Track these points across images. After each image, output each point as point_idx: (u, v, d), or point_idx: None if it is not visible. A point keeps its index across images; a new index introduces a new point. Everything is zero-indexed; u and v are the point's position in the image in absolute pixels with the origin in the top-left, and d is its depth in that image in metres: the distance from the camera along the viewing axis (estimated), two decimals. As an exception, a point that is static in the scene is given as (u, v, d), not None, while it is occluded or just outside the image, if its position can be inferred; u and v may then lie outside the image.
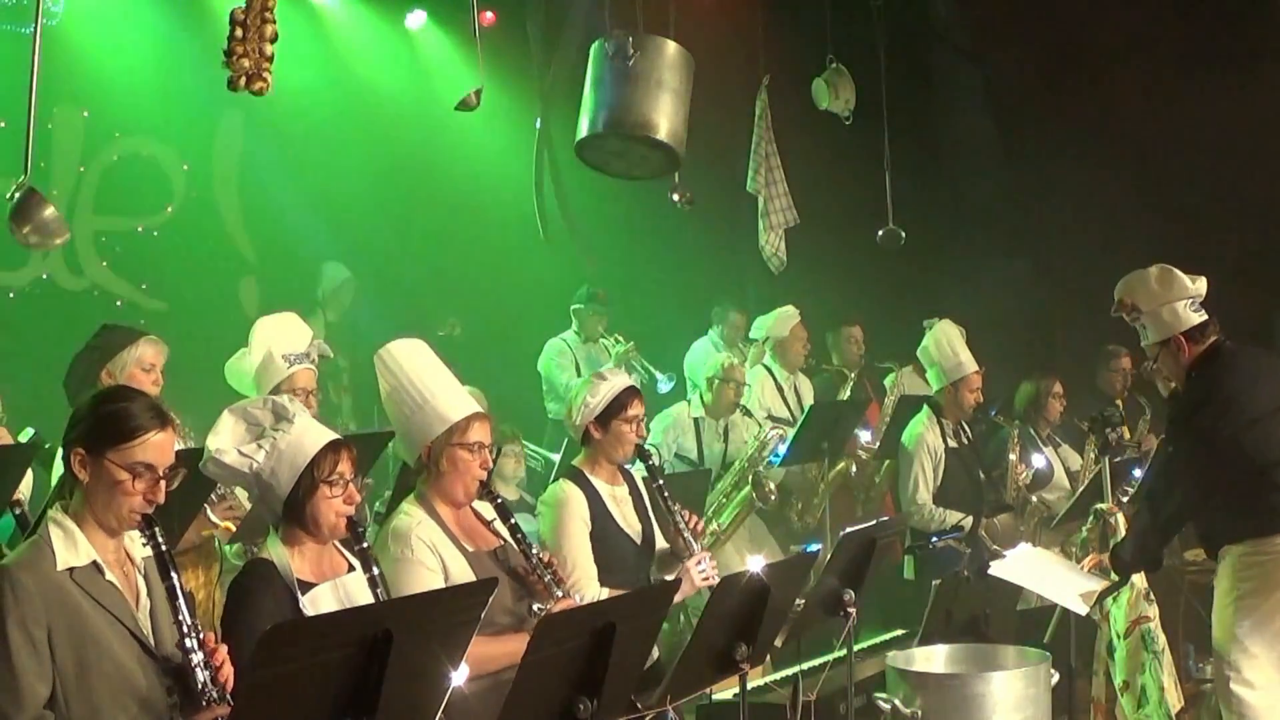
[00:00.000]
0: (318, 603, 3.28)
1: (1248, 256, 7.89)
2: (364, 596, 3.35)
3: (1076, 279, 8.96)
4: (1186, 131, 8.41)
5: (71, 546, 2.89)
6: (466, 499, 3.89)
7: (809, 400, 7.98)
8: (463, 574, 3.72)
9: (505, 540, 3.92)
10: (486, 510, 3.99)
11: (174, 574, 2.94)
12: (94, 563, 2.91)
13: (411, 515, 3.80)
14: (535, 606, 3.77)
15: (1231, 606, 4.63)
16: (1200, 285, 4.80)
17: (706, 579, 4.31)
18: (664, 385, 8.02)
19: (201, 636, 2.89)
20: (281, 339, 5.05)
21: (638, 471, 4.72)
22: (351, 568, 3.46)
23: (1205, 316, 4.79)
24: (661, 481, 4.52)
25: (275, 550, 3.34)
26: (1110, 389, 7.78)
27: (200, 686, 2.83)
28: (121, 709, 2.85)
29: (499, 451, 4.73)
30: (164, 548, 2.95)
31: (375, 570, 3.38)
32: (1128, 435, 7.54)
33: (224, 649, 2.91)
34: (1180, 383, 4.87)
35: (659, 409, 7.58)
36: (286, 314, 5.27)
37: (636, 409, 4.53)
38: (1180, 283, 4.76)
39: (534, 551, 3.83)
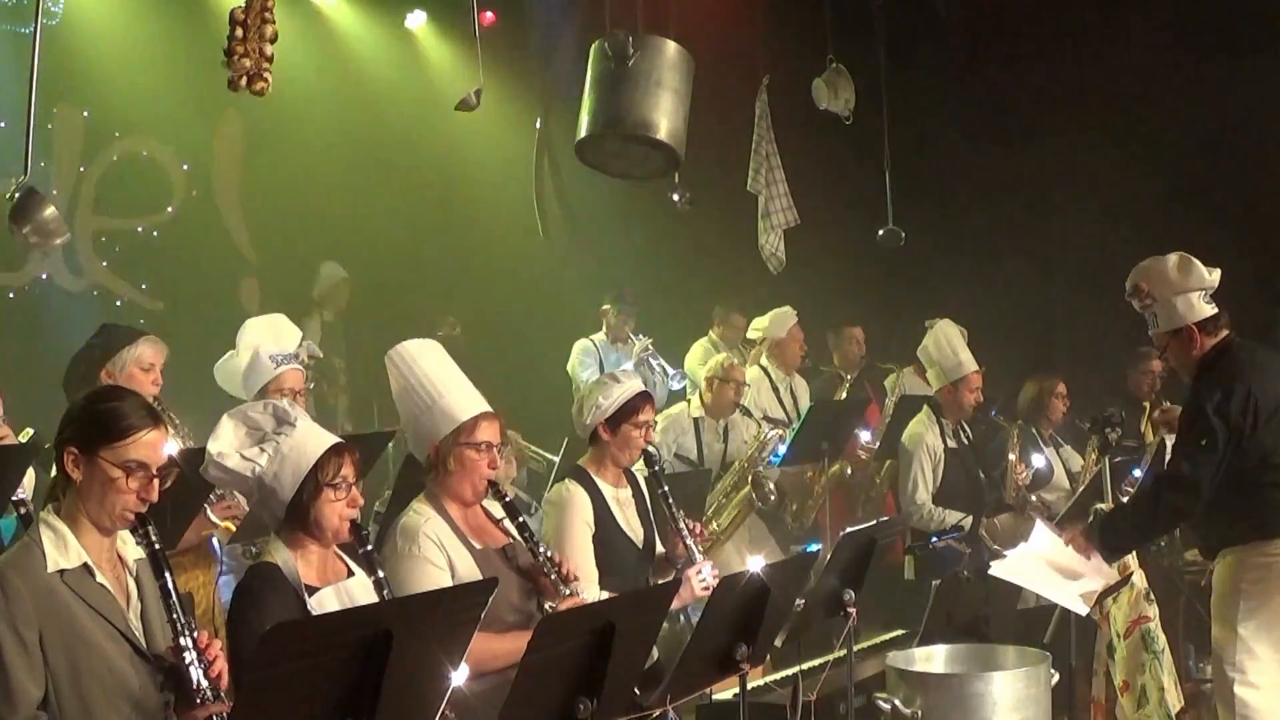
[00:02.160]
0: (324, 606, 3.28)
1: (1252, 256, 7.87)
2: (367, 600, 3.36)
3: (1077, 279, 8.96)
4: (1191, 131, 8.40)
5: (62, 548, 2.89)
6: (475, 498, 3.91)
7: (805, 401, 7.98)
8: (469, 572, 3.74)
9: (514, 538, 3.93)
10: (496, 509, 4.00)
11: (167, 573, 2.94)
12: (85, 564, 2.91)
13: (420, 513, 3.82)
14: (548, 605, 3.78)
15: (1236, 609, 4.59)
16: (1215, 277, 4.73)
17: (707, 588, 4.31)
18: (675, 384, 7.99)
19: (195, 635, 2.89)
20: (269, 340, 5.05)
21: (640, 472, 4.73)
22: (351, 573, 3.47)
23: (1216, 309, 4.73)
24: (666, 488, 4.52)
25: (279, 553, 3.34)
26: (1139, 390, 7.74)
27: (194, 685, 2.84)
28: (114, 710, 2.86)
29: None
30: (157, 547, 2.96)
31: (380, 574, 3.38)
32: (1150, 437, 7.50)
33: (217, 646, 2.92)
34: (1189, 375, 4.80)
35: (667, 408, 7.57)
36: (275, 315, 5.27)
37: (647, 414, 4.54)
38: (1198, 272, 4.70)
39: (541, 550, 3.84)
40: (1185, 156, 8.42)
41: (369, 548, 3.42)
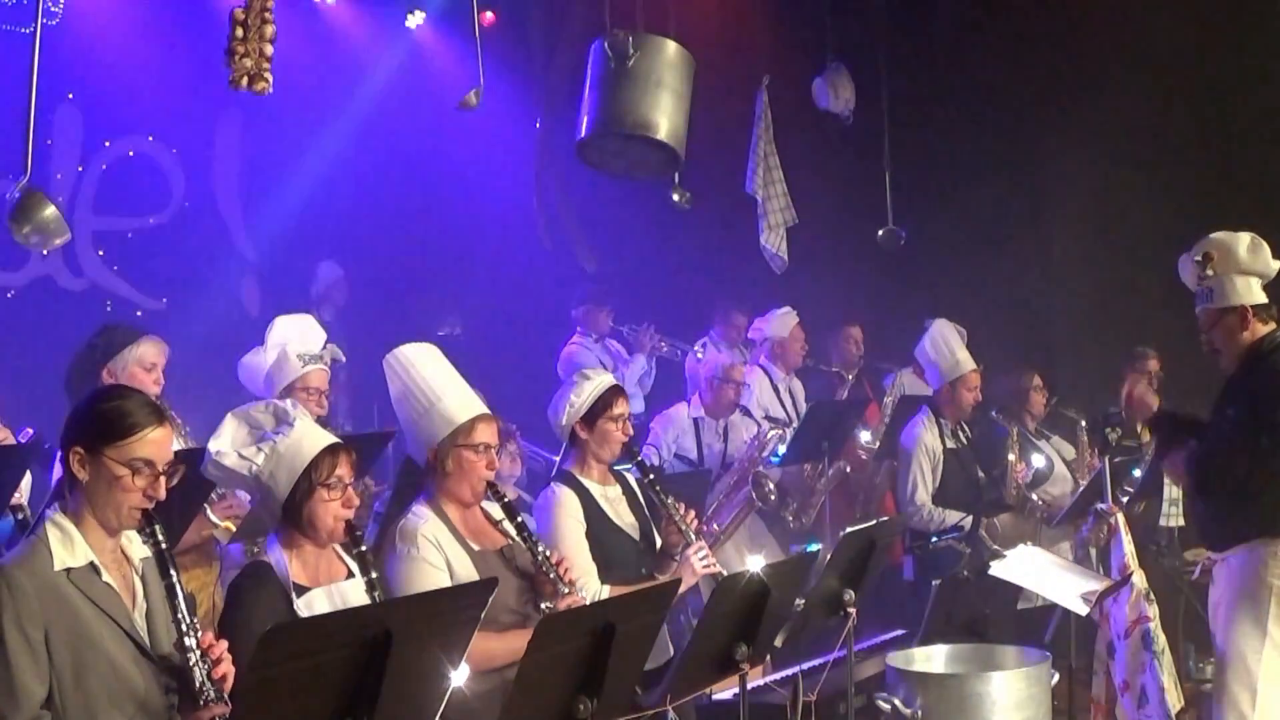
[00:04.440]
0: (313, 606, 3.29)
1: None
2: (360, 602, 3.35)
3: (1077, 279, 8.97)
4: (1192, 131, 8.40)
5: (69, 547, 2.90)
6: (473, 499, 3.92)
7: (802, 401, 7.98)
8: (467, 573, 3.75)
9: (512, 539, 3.94)
10: (495, 510, 4.01)
11: (173, 572, 2.94)
12: (91, 563, 2.91)
13: (419, 515, 3.84)
14: (544, 605, 3.79)
15: (1265, 606, 4.51)
16: (1277, 266, 4.73)
17: (707, 567, 4.33)
18: (696, 355, 7.89)
19: (199, 636, 2.89)
20: (297, 338, 5.10)
21: (629, 474, 4.74)
22: (351, 574, 3.47)
23: (1267, 301, 4.72)
24: (653, 475, 4.54)
25: (273, 553, 3.35)
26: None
27: (198, 686, 2.84)
28: (118, 709, 2.86)
29: None
30: (163, 546, 2.96)
31: (374, 575, 3.39)
32: (1146, 437, 7.51)
33: (222, 647, 2.91)
34: (1234, 359, 4.74)
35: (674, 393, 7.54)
36: (303, 315, 5.31)
37: (621, 407, 4.55)
38: (1265, 257, 4.70)
39: (540, 550, 3.85)
40: (1187, 155, 8.42)
41: (363, 549, 3.42)
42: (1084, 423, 7.10)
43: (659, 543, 4.61)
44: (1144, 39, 8.51)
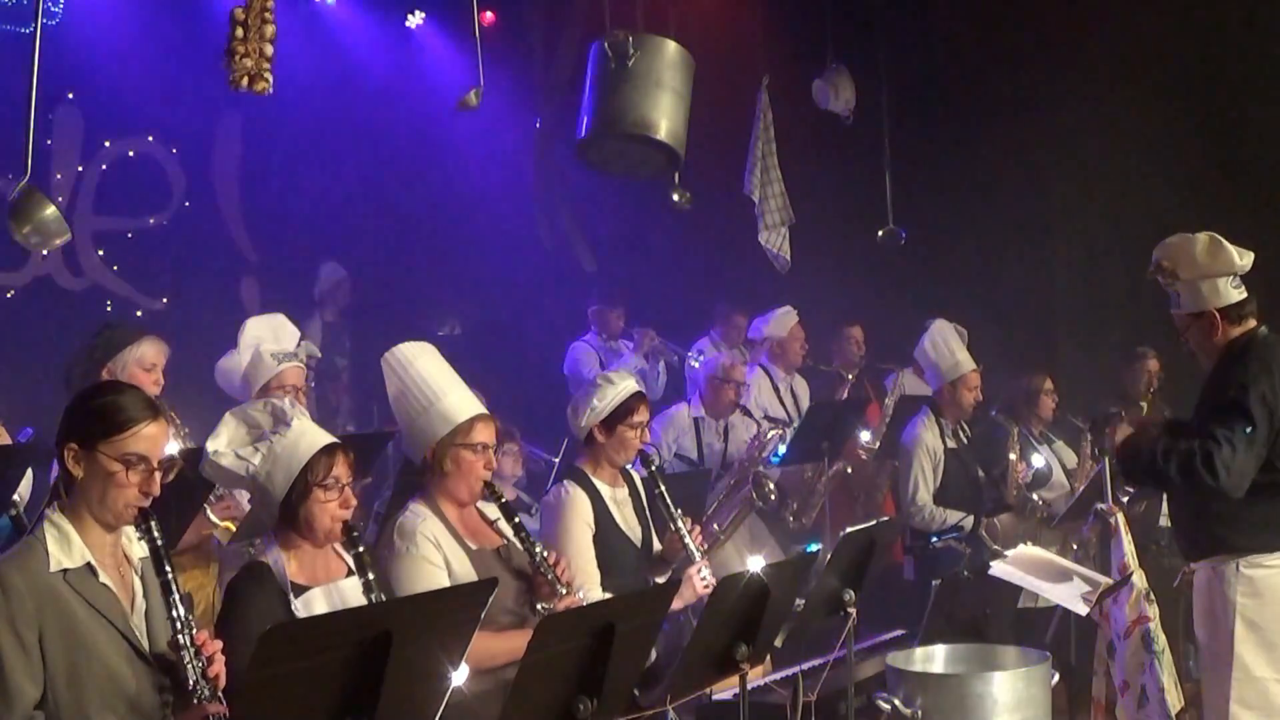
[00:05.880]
0: (310, 605, 3.29)
1: (1268, 247, 7.85)
2: (358, 601, 3.35)
3: (1077, 278, 8.96)
4: (1194, 127, 8.38)
5: (65, 547, 2.88)
6: (470, 499, 3.92)
7: (805, 401, 7.97)
8: (465, 572, 3.75)
9: (509, 540, 3.94)
10: (491, 510, 4.01)
11: (168, 568, 2.93)
12: (88, 564, 2.90)
13: (417, 513, 3.85)
14: (540, 605, 3.79)
15: (1231, 625, 4.43)
16: (1247, 260, 4.49)
17: (708, 587, 4.33)
18: (695, 363, 7.89)
19: (195, 633, 2.88)
20: (270, 338, 5.10)
21: (637, 473, 4.74)
22: (350, 572, 3.46)
23: (1245, 294, 4.51)
24: (664, 487, 4.53)
25: (271, 553, 3.35)
26: (1135, 391, 7.69)
27: (191, 684, 2.83)
28: (110, 710, 2.85)
29: None
30: (159, 542, 2.94)
31: (370, 575, 3.38)
32: None
33: (216, 645, 2.90)
34: (1211, 361, 4.59)
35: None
36: (274, 314, 5.31)
37: (642, 415, 4.56)
38: (1228, 256, 4.45)
39: (537, 551, 3.85)
40: (1188, 154, 8.41)
41: (359, 550, 3.41)
42: (1088, 432, 7.08)
43: (656, 546, 4.62)
44: (1144, 39, 8.51)
